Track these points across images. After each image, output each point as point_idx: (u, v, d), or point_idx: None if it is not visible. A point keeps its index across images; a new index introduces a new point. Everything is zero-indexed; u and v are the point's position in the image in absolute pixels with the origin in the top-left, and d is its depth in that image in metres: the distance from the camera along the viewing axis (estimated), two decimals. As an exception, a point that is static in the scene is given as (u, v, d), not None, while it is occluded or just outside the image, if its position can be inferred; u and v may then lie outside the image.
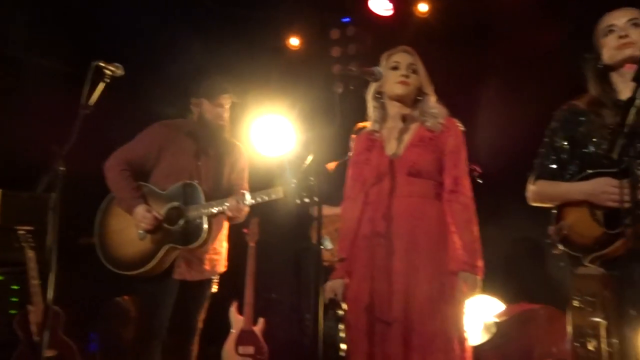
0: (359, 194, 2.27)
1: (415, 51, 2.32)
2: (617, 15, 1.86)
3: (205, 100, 2.82)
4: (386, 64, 2.29)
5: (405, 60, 2.27)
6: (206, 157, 2.84)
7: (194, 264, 2.75)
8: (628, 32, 1.80)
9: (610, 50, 1.83)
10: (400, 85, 2.23)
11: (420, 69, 2.29)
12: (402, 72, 2.25)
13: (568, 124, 1.92)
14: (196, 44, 4.60)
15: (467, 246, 2.10)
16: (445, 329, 2.06)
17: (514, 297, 3.67)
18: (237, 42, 4.62)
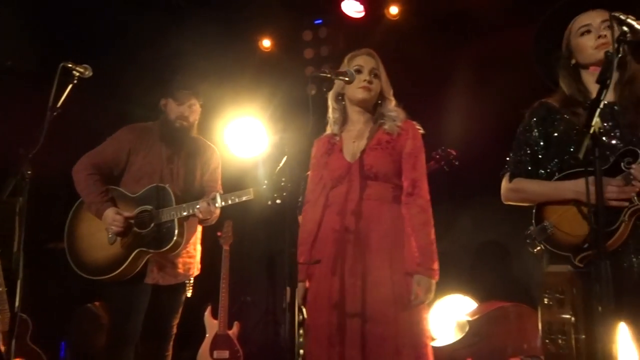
0: (319, 197, 2.27)
1: (377, 54, 2.32)
2: (592, 16, 1.86)
3: (171, 100, 2.80)
4: (349, 66, 2.26)
5: (368, 64, 2.27)
6: (177, 159, 2.81)
7: (167, 268, 2.72)
8: (605, 33, 1.81)
9: (587, 50, 1.83)
10: (362, 90, 2.23)
11: (382, 73, 2.29)
12: (366, 77, 2.24)
13: (544, 122, 1.90)
14: (167, 44, 4.55)
15: (422, 249, 2.10)
16: (396, 334, 2.03)
17: (486, 296, 3.73)
18: (209, 43, 4.58)
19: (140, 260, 2.65)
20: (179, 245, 2.65)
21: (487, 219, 4.15)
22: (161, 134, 2.81)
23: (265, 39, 4.91)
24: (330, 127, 2.33)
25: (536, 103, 1.98)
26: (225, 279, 4.02)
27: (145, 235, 2.65)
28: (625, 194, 1.70)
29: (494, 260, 4.15)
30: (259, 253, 4.77)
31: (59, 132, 2.27)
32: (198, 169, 2.86)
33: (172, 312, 2.77)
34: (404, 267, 2.10)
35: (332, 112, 2.32)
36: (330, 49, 4.75)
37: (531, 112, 1.96)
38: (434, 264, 2.10)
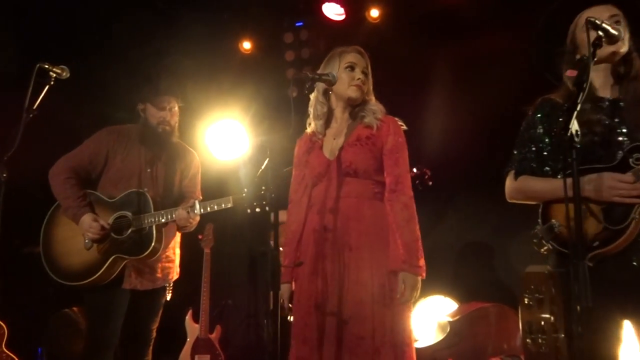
0: (302, 196, 2.25)
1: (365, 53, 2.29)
2: (600, 10, 1.81)
3: (150, 105, 2.76)
4: (339, 63, 2.23)
5: (360, 62, 2.24)
6: (156, 164, 2.78)
7: (145, 273, 2.69)
8: None
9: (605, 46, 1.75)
10: (355, 89, 2.21)
11: (370, 72, 2.28)
12: (359, 76, 2.22)
13: (548, 118, 1.86)
14: (147, 45, 4.50)
15: (407, 245, 2.05)
16: (375, 333, 2.00)
17: (467, 296, 3.77)
18: (189, 45, 4.55)
19: (117, 266, 2.62)
20: (157, 252, 2.62)
21: (469, 219, 4.19)
22: (141, 138, 2.77)
23: (245, 41, 4.89)
24: (313, 123, 2.28)
25: (539, 99, 1.93)
26: (207, 282, 3.98)
27: (122, 241, 2.61)
28: (637, 190, 1.67)
29: (475, 261, 4.19)
30: (241, 256, 4.74)
31: (35, 134, 2.22)
32: (177, 174, 2.83)
33: (151, 316, 2.74)
34: (387, 265, 2.07)
35: (317, 107, 2.26)
36: (311, 52, 4.75)
37: (535, 109, 1.92)
38: (419, 260, 2.07)
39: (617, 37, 1.71)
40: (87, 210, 2.62)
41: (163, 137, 2.76)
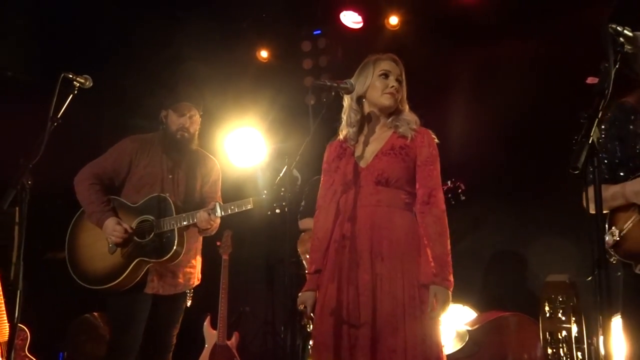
0: (330, 203, 2.23)
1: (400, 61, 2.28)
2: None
3: (172, 112, 2.81)
4: (373, 70, 2.21)
5: (395, 70, 2.23)
6: (177, 170, 2.82)
7: (167, 277, 2.71)
8: None
9: None
10: (389, 97, 2.19)
11: (404, 80, 2.27)
12: (393, 84, 2.19)
13: (618, 123, 1.82)
14: (165, 54, 4.57)
15: (438, 259, 2.04)
16: (408, 345, 1.97)
17: (485, 305, 3.73)
18: (208, 53, 4.61)
19: (140, 270, 2.65)
20: (179, 255, 2.65)
21: (487, 227, 4.15)
22: (163, 145, 2.82)
23: (263, 49, 4.93)
24: (345, 130, 2.27)
25: (613, 105, 1.89)
26: (225, 288, 4.00)
27: (145, 245, 2.65)
28: None
29: (495, 269, 4.15)
30: (258, 263, 4.76)
31: (59, 143, 2.27)
32: (198, 180, 2.86)
33: (172, 322, 2.76)
34: (417, 277, 2.05)
35: (350, 114, 2.25)
36: (329, 59, 4.77)
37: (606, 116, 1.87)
38: (450, 275, 2.05)
39: (638, 42, 1.66)
40: (110, 215, 2.66)
41: (182, 143, 2.80)
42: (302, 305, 2.18)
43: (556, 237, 3.52)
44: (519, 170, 3.85)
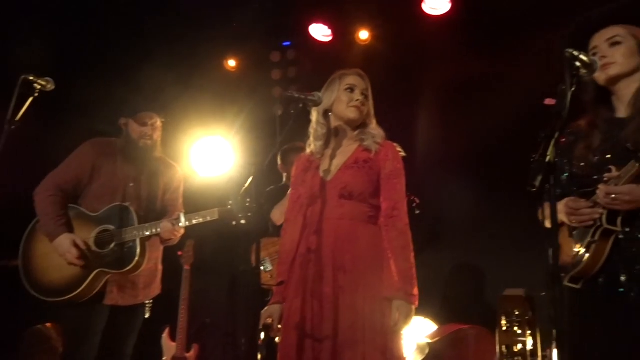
0: (297, 216, 2.23)
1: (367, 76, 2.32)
2: (600, 36, 1.85)
3: (132, 120, 2.76)
4: (339, 84, 2.25)
5: (360, 84, 2.26)
6: (139, 178, 2.76)
7: (127, 288, 2.65)
8: (606, 53, 1.80)
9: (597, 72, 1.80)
10: (354, 110, 2.22)
11: (370, 95, 2.30)
12: (358, 97, 2.22)
13: (570, 146, 1.89)
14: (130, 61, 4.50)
15: (402, 273, 2.05)
16: (367, 359, 1.97)
17: (446, 318, 3.78)
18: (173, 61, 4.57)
19: (100, 281, 2.58)
20: (141, 266, 2.59)
21: (448, 241, 4.23)
22: (124, 153, 2.77)
23: (231, 59, 4.92)
24: (312, 144, 2.29)
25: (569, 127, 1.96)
26: (185, 299, 3.93)
27: (105, 256, 2.58)
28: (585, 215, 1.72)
29: (454, 282, 4.22)
30: (221, 274, 4.70)
31: (16, 147, 2.20)
32: (161, 189, 2.82)
33: (130, 334, 2.69)
34: (379, 291, 2.06)
35: (316, 127, 2.27)
36: (298, 71, 4.80)
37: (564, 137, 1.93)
38: (414, 289, 2.06)
39: (593, 66, 1.74)
40: (64, 230, 2.56)
41: (145, 151, 2.76)
42: (269, 319, 2.16)
43: (514, 252, 3.62)
44: (478, 185, 3.95)
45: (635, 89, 1.82)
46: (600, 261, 1.72)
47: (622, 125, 1.80)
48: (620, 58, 1.80)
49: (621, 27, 1.84)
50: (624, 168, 1.67)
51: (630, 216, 1.70)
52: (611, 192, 1.67)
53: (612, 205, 1.68)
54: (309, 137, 2.31)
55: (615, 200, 1.67)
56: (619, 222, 1.70)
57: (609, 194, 1.67)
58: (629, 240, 1.71)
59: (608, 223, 1.70)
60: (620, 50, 1.81)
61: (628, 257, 1.70)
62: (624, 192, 1.66)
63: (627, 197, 1.66)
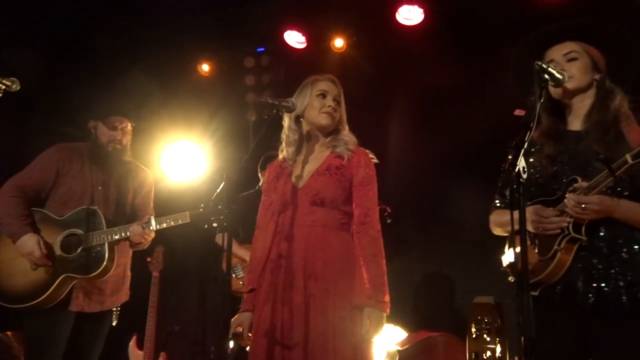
0: (269, 222, 2.22)
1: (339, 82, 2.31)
2: (556, 50, 1.89)
3: (101, 123, 2.71)
4: (311, 90, 2.24)
5: (332, 90, 2.26)
6: (108, 182, 2.71)
7: (94, 294, 2.59)
8: (564, 67, 1.86)
9: None
10: (326, 116, 2.21)
11: (342, 101, 2.29)
12: (330, 103, 2.21)
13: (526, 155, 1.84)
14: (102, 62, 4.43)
15: (373, 280, 2.03)
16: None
17: (416, 326, 3.81)
18: (146, 64, 4.51)
19: (66, 287, 2.51)
20: (109, 271, 2.53)
21: (418, 249, 4.27)
22: (92, 157, 2.71)
23: (204, 63, 4.89)
24: (285, 150, 2.27)
25: None
26: (154, 307, 3.85)
27: (71, 260, 2.51)
28: (553, 224, 1.75)
29: (424, 290, 4.26)
30: (190, 281, 4.63)
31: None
32: (130, 193, 2.77)
33: (96, 342, 2.63)
34: (351, 298, 2.05)
35: (288, 132, 2.26)
36: (271, 77, 4.80)
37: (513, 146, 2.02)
38: (385, 296, 2.05)
39: (561, 80, 1.80)
40: (28, 230, 2.50)
41: (114, 155, 2.71)
42: (239, 327, 2.14)
43: (484, 260, 3.67)
44: (449, 194, 4.00)
45: (589, 104, 1.88)
46: (563, 269, 1.75)
47: (577, 138, 1.86)
48: (577, 73, 1.86)
49: (576, 43, 1.90)
50: (595, 179, 1.72)
51: (592, 225, 1.74)
52: (582, 202, 1.71)
53: (581, 214, 1.72)
54: (281, 143, 2.30)
55: (585, 210, 1.71)
56: (583, 230, 1.74)
57: (580, 203, 1.71)
58: (587, 249, 1.75)
59: (574, 232, 1.74)
60: (577, 65, 1.87)
61: (586, 266, 1.75)
62: (594, 202, 1.70)
63: (596, 207, 1.71)
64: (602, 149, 1.75)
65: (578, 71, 1.85)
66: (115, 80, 4.16)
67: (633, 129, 1.80)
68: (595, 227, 1.75)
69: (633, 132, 1.79)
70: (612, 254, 1.74)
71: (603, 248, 1.74)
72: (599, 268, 1.73)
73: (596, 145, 1.78)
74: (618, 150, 1.72)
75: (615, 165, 1.66)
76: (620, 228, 1.74)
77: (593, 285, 1.73)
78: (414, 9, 4.20)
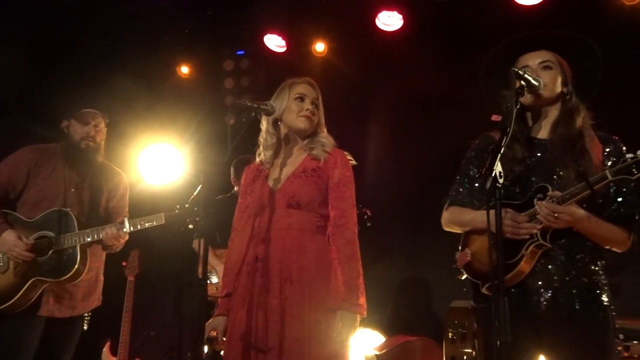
0: (245, 225, 2.20)
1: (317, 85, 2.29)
2: (531, 57, 1.91)
3: (74, 121, 2.66)
4: (289, 93, 2.21)
5: (310, 94, 2.23)
6: (81, 183, 2.66)
7: (65, 299, 2.53)
8: (538, 74, 1.86)
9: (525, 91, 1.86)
10: (304, 119, 2.19)
11: (321, 104, 2.28)
12: (308, 107, 2.19)
13: (483, 154, 1.94)
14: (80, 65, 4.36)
15: (348, 283, 2.02)
16: None
17: (394, 330, 3.81)
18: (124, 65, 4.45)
19: (36, 291, 2.45)
20: (80, 274, 2.47)
21: (397, 254, 4.28)
22: (65, 157, 2.66)
23: (184, 65, 4.85)
24: (262, 153, 2.25)
25: (481, 136, 2.05)
26: (128, 312, 3.78)
27: (42, 263, 2.45)
28: (524, 229, 1.78)
29: (403, 294, 4.27)
30: (166, 285, 4.57)
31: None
32: (104, 195, 2.72)
33: (66, 348, 2.57)
34: (326, 301, 2.04)
35: (266, 136, 2.24)
36: (251, 80, 4.79)
37: (474, 145, 2.03)
38: (359, 299, 2.02)
39: (537, 87, 1.83)
40: (6, 228, 2.45)
41: (87, 154, 2.65)
42: (213, 331, 2.11)
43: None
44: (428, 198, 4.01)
45: (555, 115, 1.92)
46: (525, 273, 1.80)
47: (543, 147, 1.91)
48: (549, 82, 1.88)
49: (551, 53, 1.93)
50: (570, 190, 1.76)
51: (556, 233, 1.79)
52: (557, 211, 1.74)
53: (552, 222, 1.76)
54: (258, 147, 2.28)
55: (557, 219, 1.74)
56: (548, 238, 1.79)
57: (554, 212, 1.74)
58: (546, 255, 1.80)
59: (541, 238, 1.78)
60: (550, 75, 1.90)
61: (543, 271, 1.80)
62: (567, 213, 1.75)
63: (569, 217, 1.75)
64: (570, 161, 1.80)
65: (550, 81, 1.88)
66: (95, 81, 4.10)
67: (595, 145, 1.86)
68: (558, 235, 1.80)
69: (595, 148, 1.86)
70: (568, 261, 1.80)
71: (561, 256, 1.80)
72: (555, 275, 1.79)
73: (563, 157, 1.82)
74: (583, 164, 1.78)
75: (594, 180, 1.72)
76: (576, 237, 1.80)
77: (549, 291, 1.78)
78: (394, 15, 4.23)
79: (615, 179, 1.70)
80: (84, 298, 2.60)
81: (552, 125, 1.91)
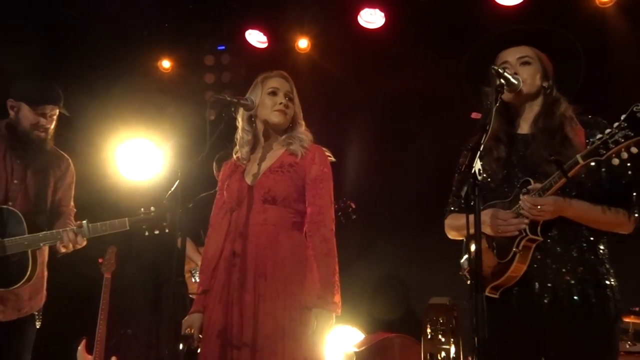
0: (221, 221, 2.17)
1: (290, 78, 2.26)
2: (510, 53, 1.90)
3: (26, 106, 2.38)
4: (262, 88, 2.18)
5: (283, 87, 2.20)
6: (24, 174, 2.40)
7: (10, 300, 2.31)
8: (517, 70, 1.85)
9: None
10: (278, 114, 2.15)
11: (295, 97, 2.24)
12: (281, 100, 2.15)
13: None
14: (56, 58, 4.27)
15: (323, 280, 2.00)
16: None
17: (373, 327, 3.83)
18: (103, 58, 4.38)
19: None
20: (32, 279, 2.28)
21: (376, 251, 4.30)
22: (9, 143, 2.39)
23: (165, 59, 4.79)
24: (239, 149, 2.22)
25: (470, 140, 2.02)
26: (105, 309, 3.72)
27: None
28: (512, 225, 1.78)
29: (381, 291, 4.29)
30: (144, 283, 4.51)
31: None
32: (51, 186, 2.47)
33: (22, 352, 2.36)
34: (301, 299, 2.02)
35: (242, 134, 2.21)
36: (232, 76, 4.75)
37: (463, 150, 2.02)
38: (334, 297, 2.00)
39: (516, 85, 1.83)
40: None
41: (37, 144, 2.40)
42: (189, 329, 2.07)
43: (440, 261, 3.72)
44: (407, 196, 4.04)
45: (536, 110, 1.91)
46: (522, 269, 1.78)
47: (526, 142, 1.90)
48: (528, 78, 1.88)
49: (530, 48, 1.93)
50: (548, 180, 1.75)
51: (546, 225, 1.78)
52: (538, 204, 1.74)
53: (537, 215, 1.75)
54: (235, 145, 2.25)
55: (540, 211, 1.74)
56: (539, 231, 1.78)
57: (536, 205, 1.74)
58: (542, 249, 1.79)
59: (531, 233, 1.77)
60: (529, 70, 1.89)
61: (541, 267, 1.78)
62: (549, 203, 1.74)
63: (551, 207, 1.74)
64: (550, 152, 1.79)
65: (529, 76, 1.88)
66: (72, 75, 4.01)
67: (578, 132, 1.85)
68: (548, 227, 1.78)
69: (578, 135, 1.84)
70: (564, 252, 1.78)
71: (556, 247, 1.78)
72: (553, 268, 1.77)
73: (544, 150, 1.82)
74: (565, 153, 1.76)
75: (567, 166, 1.70)
76: (569, 226, 1.78)
77: (548, 286, 1.76)
78: (376, 13, 4.23)
79: (586, 162, 1.67)
80: (31, 297, 2.39)
81: (533, 120, 1.91)
